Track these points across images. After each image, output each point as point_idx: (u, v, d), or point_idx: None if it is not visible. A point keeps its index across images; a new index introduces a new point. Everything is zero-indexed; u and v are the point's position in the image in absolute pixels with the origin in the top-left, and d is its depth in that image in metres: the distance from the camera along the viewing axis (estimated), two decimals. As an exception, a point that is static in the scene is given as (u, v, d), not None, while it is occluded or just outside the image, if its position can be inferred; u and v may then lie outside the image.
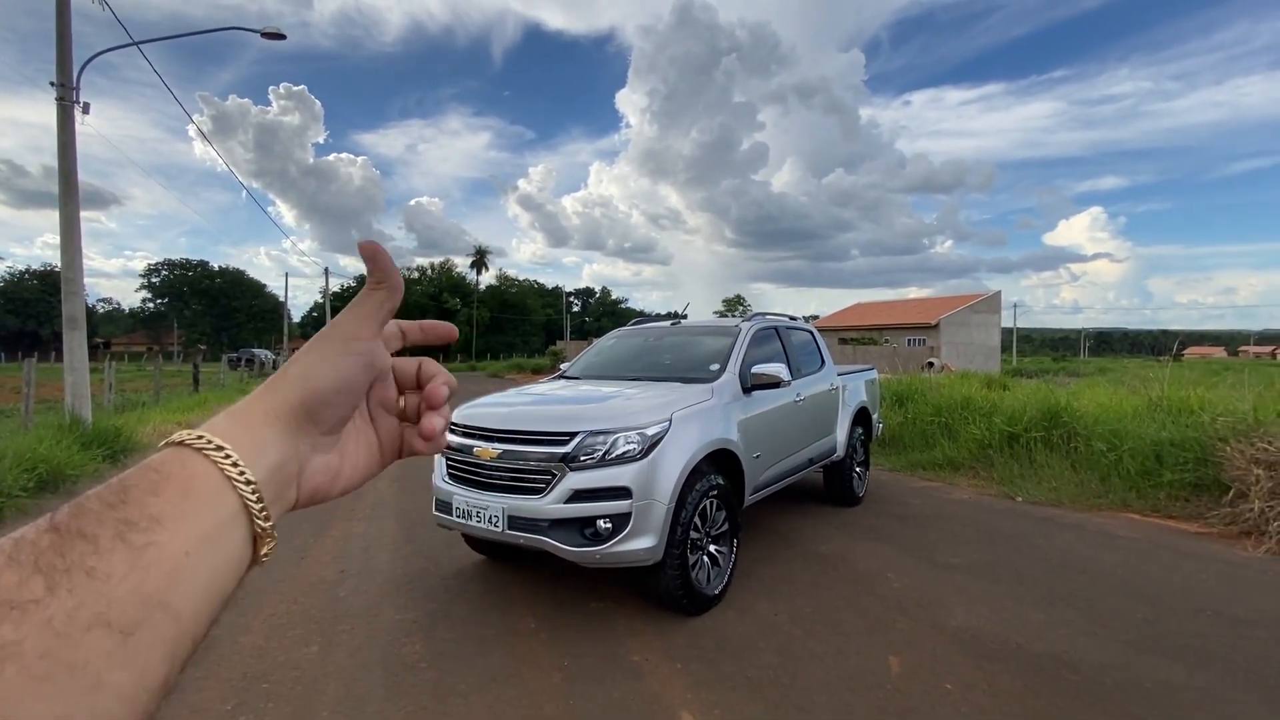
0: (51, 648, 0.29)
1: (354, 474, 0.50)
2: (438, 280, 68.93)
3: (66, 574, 0.31)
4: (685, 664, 3.08)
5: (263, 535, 0.40)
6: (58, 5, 8.06)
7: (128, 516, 0.34)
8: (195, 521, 0.36)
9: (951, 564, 4.51)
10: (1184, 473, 6.02)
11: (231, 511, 0.39)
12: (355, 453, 0.50)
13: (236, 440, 0.40)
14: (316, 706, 2.74)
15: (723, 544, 3.85)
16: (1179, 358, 66.08)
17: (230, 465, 0.39)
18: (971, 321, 43.94)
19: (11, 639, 0.28)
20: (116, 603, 0.31)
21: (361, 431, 0.51)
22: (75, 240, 8.53)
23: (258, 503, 0.40)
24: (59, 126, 8.31)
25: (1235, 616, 3.60)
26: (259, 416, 0.43)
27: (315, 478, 0.46)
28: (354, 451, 0.50)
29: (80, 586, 0.31)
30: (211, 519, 0.37)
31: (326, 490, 0.48)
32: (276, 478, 0.42)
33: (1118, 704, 2.71)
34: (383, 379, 0.52)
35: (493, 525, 3.41)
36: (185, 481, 0.37)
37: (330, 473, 0.48)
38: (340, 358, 0.47)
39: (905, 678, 2.95)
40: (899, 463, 8.46)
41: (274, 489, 0.42)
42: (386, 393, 0.53)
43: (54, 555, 0.31)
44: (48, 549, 0.31)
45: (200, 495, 0.37)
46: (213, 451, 0.39)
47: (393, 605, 3.80)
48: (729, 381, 4.25)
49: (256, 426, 0.43)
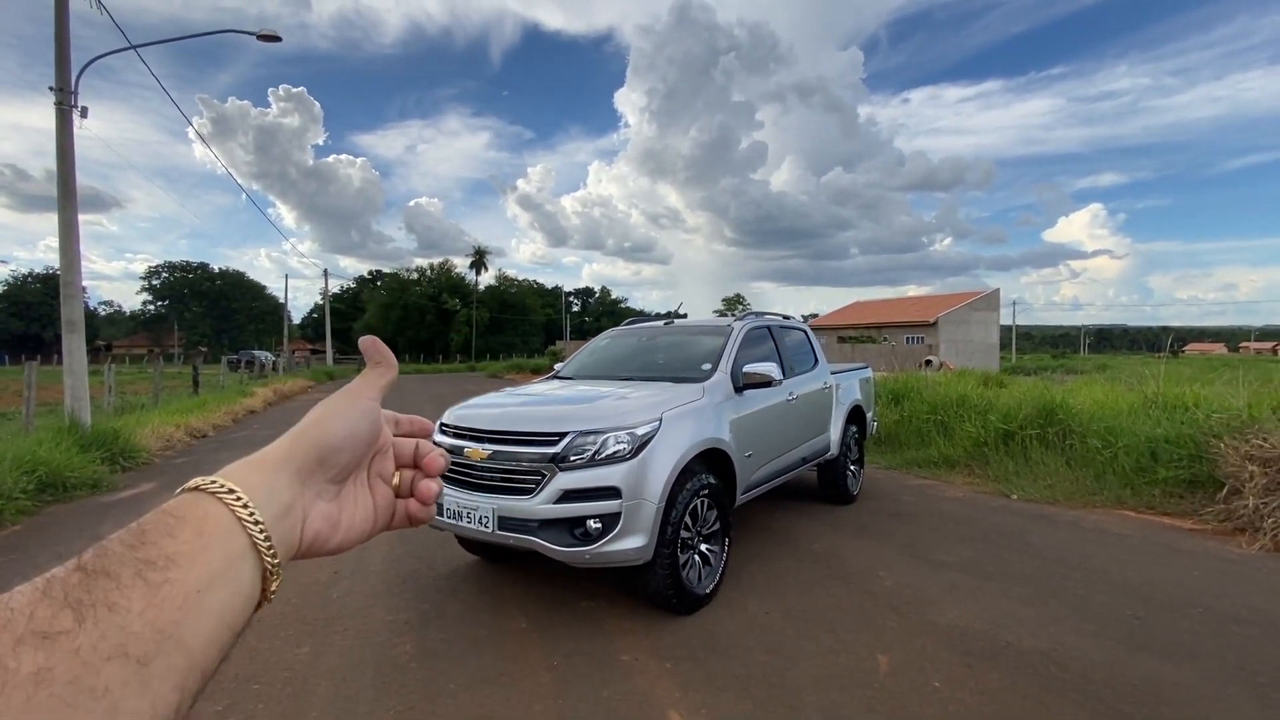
0: (78, 675, 0.32)
1: (350, 531, 0.53)
2: (437, 281, 68.86)
3: (92, 608, 0.34)
4: (675, 663, 3.09)
5: (271, 573, 0.44)
6: (56, 11, 8.07)
7: (146, 556, 0.37)
8: (207, 560, 0.39)
9: (944, 562, 4.51)
10: (1179, 469, 6.03)
11: (241, 549, 0.42)
12: (353, 510, 0.54)
13: (249, 483, 0.44)
14: (306, 707, 2.75)
15: (714, 543, 3.86)
16: (1179, 354, 65.75)
17: (241, 507, 0.43)
18: (970, 319, 43.89)
19: (45, 665, 0.31)
20: (135, 635, 0.34)
21: (360, 495, 0.55)
22: (74, 244, 8.55)
23: (265, 541, 0.43)
24: (58, 131, 8.32)
25: (1226, 613, 3.60)
26: (273, 461, 0.48)
27: (317, 523, 0.50)
28: (352, 509, 0.54)
29: (103, 619, 0.34)
30: (222, 557, 0.40)
31: (326, 538, 0.51)
32: (285, 520, 0.46)
33: (1105, 701, 2.71)
34: (383, 452, 0.58)
35: (483, 526, 3.42)
36: (199, 523, 0.41)
37: (330, 521, 0.51)
38: (350, 409, 0.53)
39: (893, 675, 2.95)
40: (894, 461, 8.47)
41: (282, 529, 0.46)
42: (385, 465, 0.58)
43: (81, 591, 0.34)
44: (76, 585, 0.34)
45: (212, 535, 0.41)
46: (225, 495, 0.43)
47: (385, 606, 3.81)
48: (721, 381, 4.26)
49: (270, 471, 0.47)
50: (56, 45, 8.13)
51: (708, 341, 4.78)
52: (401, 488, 0.59)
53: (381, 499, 0.57)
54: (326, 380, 29.59)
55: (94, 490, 6.84)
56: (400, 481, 0.59)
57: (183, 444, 10.33)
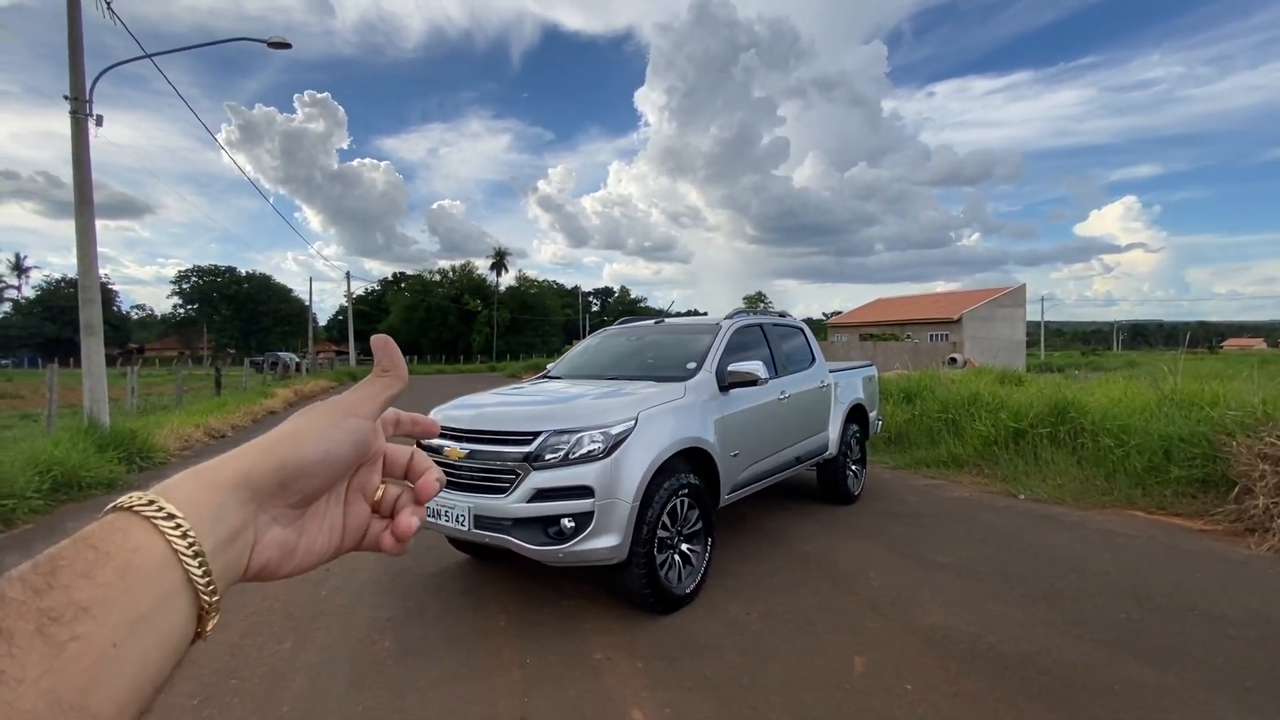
0: None
1: (308, 556, 0.46)
2: (459, 282, 69.65)
3: None
4: (646, 663, 3.08)
5: (208, 610, 0.37)
6: (69, 22, 8.35)
7: (52, 607, 0.30)
8: (130, 605, 0.33)
9: (937, 562, 4.43)
10: (1192, 469, 5.84)
11: (173, 587, 0.36)
12: (315, 533, 0.46)
13: (193, 504, 0.38)
14: (279, 702, 2.80)
15: (696, 543, 3.84)
16: (1216, 350, 63.63)
17: (179, 536, 0.36)
18: (996, 315, 43.09)
19: None
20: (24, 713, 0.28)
21: (328, 513, 0.48)
22: (91, 249, 8.81)
23: (204, 577, 0.37)
24: (73, 138, 8.60)
25: (1223, 616, 3.48)
26: (227, 478, 0.41)
27: (268, 552, 0.43)
28: (314, 531, 0.46)
29: None
30: (150, 599, 0.34)
31: (276, 568, 0.44)
32: (230, 549, 0.39)
33: (1080, 705, 2.64)
34: (371, 463, 0.51)
35: (459, 524, 3.44)
36: (125, 559, 0.34)
37: (285, 550, 0.44)
38: (332, 428, 0.45)
39: (867, 678, 2.91)
40: (902, 460, 8.35)
41: (225, 559, 0.39)
42: (370, 478, 0.51)
43: None
44: None
45: (139, 574, 0.34)
46: (161, 520, 0.36)
47: (370, 603, 3.86)
48: (705, 380, 4.23)
49: (221, 489, 0.40)
50: (70, 54, 8.40)
51: (695, 341, 4.76)
52: (383, 506, 0.51)
53: (355, 518, 0.49)
54: (349, 380, 30.10)
55: (109, 489, 7.03)
56: (383, 498, 0.51)
57: (201, 444, 10.58)
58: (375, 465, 0.51)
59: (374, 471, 0.51)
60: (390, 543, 0.50)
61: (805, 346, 5.86)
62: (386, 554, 0.51)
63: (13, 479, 5.81)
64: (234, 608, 3.74)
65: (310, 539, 0.46)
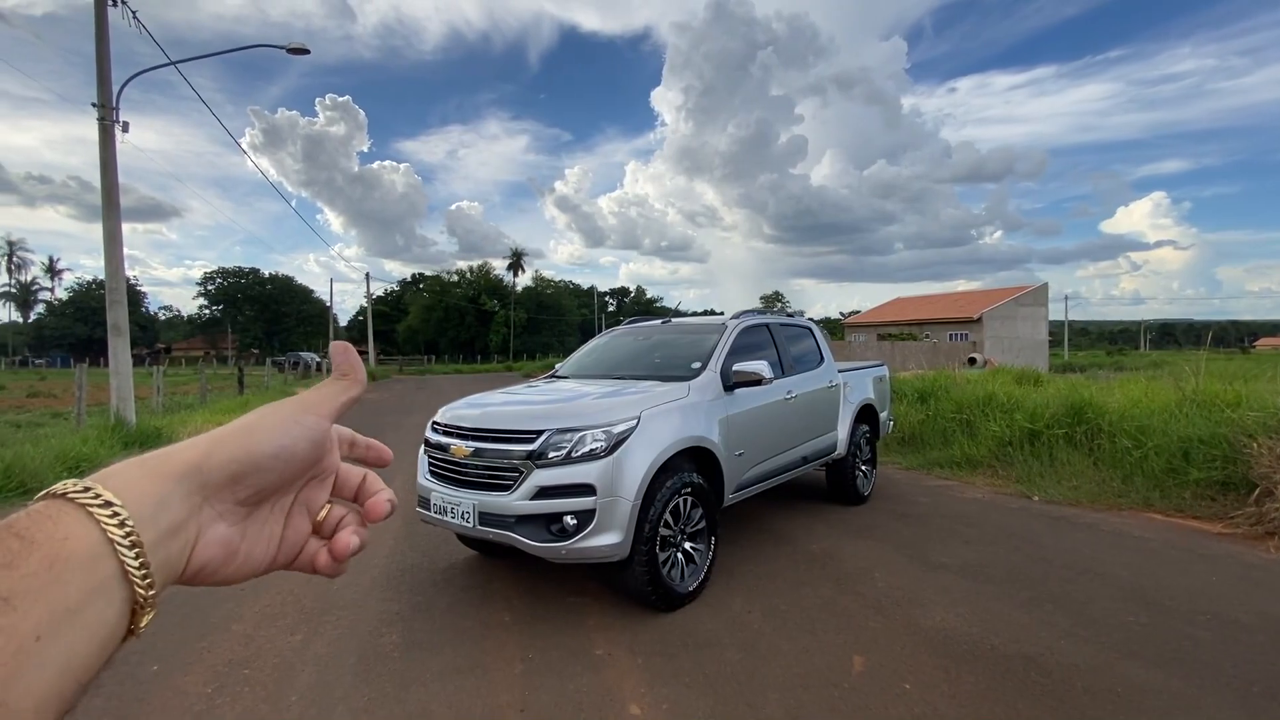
0: None
1: (247, 563, 0.44)
2: (476, 283, 70.28)
3: None
4: (646, 659, 3.11)
5: (143, 605, 0.35)
6: (97, 33, 8.61)
7: None
8: (57, 596, 0.31)
9: (944, 563, 4.41)
10: (1212, 471, 5.73)
11: (105, 579, 0.34)
12: (256, 538, 0.44)
13: (135, 492, 0.36)
14: (287, 691, 2.88)
15: (699, 541, 3.86)
16: (1248, 350, 61.88)
17: (115, 525, 0.34)
18: (1017, 315, 42.43)
19: None
20: None
21: (269, 522, 0.46)
22: (117, 252, 9.07)
23: (140, 569, 0.35)
24: (100, 145, 8.86)
25: (1235, 620, 3.43)
26: (175, 468, 0.39)
27: (210, 550, 0.41)
28: (255, 536, 0.44)
29: None
30: (79, 591, 0.32)
31: (216, 569, 0.42)
32: (171, 542, 0.38)
33: (1080, 707, 2.62)
34: (321, 479, 0.49)
35: (465, 520, 3.51)
36: (53, 548, 0.32)
37: (227, 550, 0.42)
38: (289, 423, 0.45)
39: (865, 677, 2.92)
40: (916, 461, 8.28)
41: (165, 553, 0.37)
42: (318, 495, 0.49)
43: None
44: None
45: (69, 563, 0.32)
46: (97, 508, 0.34)
47: (380, 597, 3.94)
48: (709, 380, 4.25)
49: (168, 480, 0.38)
50: (98, 65, 8.66)
51: (701, 341, 4.78)
52: (324, 526, 0.49)
53: (294, 533, 0.47)
54: (369, 380, 30.48)
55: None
56: (327, 517, 0.49)
57: (222, 442, 10.82)
58: (325, 482, 0.49)
59: (323, 488, 0.49)
60: (326, 562, 0.49)
61: (814, 346, 5.85)
62: (320, 575, 0.49)
63: (42, 474, 6.01)
64: (249, 599, 3.85)
65: (251, 543, 0.44)
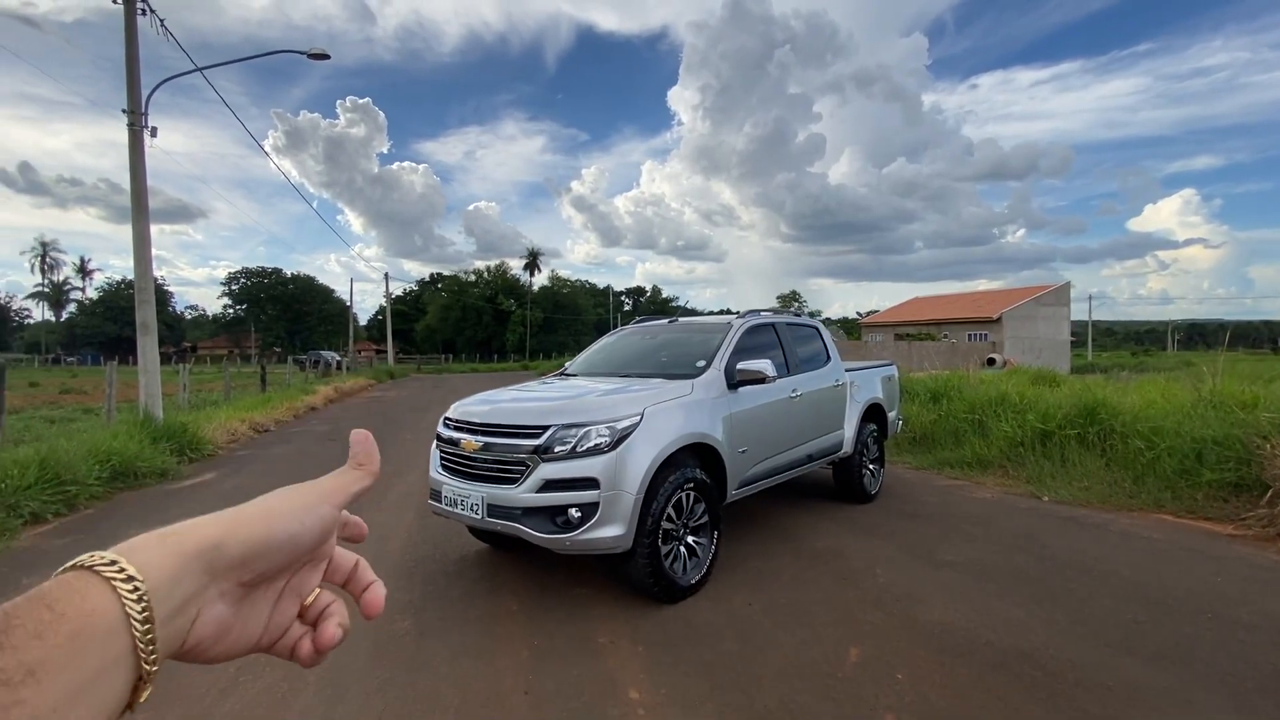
0: None
1: (236, 643, 0.44)
2: (494, 283, 70.96)
3: None
4: (647, 648, 3.21)
5: (145, 679, 0.36)
6: (126, 41, 8.91)
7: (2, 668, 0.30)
8: (76, 671, 0.32)
9: (948, 562, 4.45)
10: (1225, 472, 5.69)
11: (121, 653, 0.35)
12: (247, 620, 0.44)
13: (155, 567, 0.37)
14: (304, 672, 3.02)
15: (702, 535, 3.95)
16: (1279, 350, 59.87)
17: (135, 601, 0.35)
18: (1038, 314, 41.81)
19: None
20: None
21: (260, 603, 0.46)
22: (146, 253, 9.37)
23: (148, 646, 0.36)
24: (130, 149, 9.17)
25: (1237, 620, 3.44)
26: (195, 545, 0.40)
27: (206, 629, 0.41)
28: (246, 618, 0.44)
29: None
30: (96, 664, 0.33)
31: (206, 648, 0.42)
32: (178, 618, 0.39)
33: (1070, 700, 2.67)
34: (315, 563, 0.49)
35: (474, 513, 3.64)
36: (79, 622, 0.33)
37: (220, 629, 0.42)
38: (304, 511, 0.46)
39: (859, 668, 2.99)
40: (926, 461, 8.28)
41: (170, 630, 0.38)
42: (309, 579, 0.49)
43: None
44: None
45: (90, 638, 0.33)
46: (121, 583, 0.35)
47: (393, 586, 4.08)
48: (713, 377, 4.34)
49: (184, 555, 0.39)
50: (127, 71, 8.96)
51: (706, 339, 4.87)
52: (310, 611, 0.49)
53: (281, 616, 0.47)
54: (387, 379, 30.99)
55: (162, 478, 7.50)
56: (314, 603, 0.49)
57: (245, 437, 11.11)
58: (319, 567, 0.50)
59: (316, 572, 0.49)
60: (308, 651, 0.48)
61: (820, 346, 5.91)
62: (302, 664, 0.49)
63: (75, 467, 6.26)
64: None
65: (242, 624, 0.44)
